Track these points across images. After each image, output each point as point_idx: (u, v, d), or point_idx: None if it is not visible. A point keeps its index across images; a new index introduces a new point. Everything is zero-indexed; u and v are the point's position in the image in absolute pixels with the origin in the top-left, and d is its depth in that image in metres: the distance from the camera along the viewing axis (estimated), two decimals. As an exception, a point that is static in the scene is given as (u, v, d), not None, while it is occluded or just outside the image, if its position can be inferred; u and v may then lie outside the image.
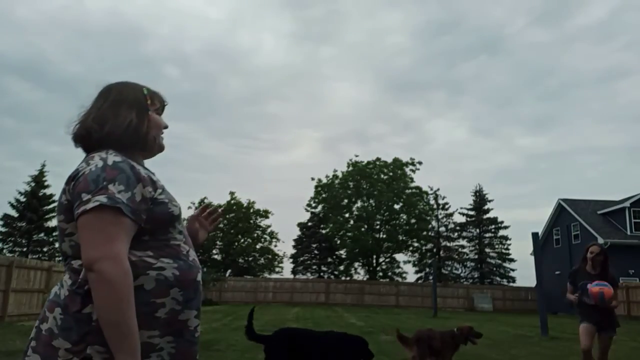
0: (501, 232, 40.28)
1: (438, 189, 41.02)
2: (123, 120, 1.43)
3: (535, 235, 14.16)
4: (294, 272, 40.51)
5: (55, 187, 33.86)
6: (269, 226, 39.37)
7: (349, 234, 37.82)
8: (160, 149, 1.59)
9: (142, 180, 1.35)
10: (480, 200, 41.03)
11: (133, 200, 1.30)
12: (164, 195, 1.41)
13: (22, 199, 32.94)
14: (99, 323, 1.21)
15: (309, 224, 41.29)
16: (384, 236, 38.50)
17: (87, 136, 1.42)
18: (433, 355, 5.44)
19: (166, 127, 1.61)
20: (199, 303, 1.43)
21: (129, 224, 1.28)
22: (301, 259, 41.13)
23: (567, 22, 54.86)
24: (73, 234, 1.32)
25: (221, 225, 38.20)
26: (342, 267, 40.65)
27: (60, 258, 1.54)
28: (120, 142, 1.41)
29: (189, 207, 38.00)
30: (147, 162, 1.57)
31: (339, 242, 38.64)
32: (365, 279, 38.15)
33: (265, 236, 39.31)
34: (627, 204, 27.08)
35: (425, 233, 38.63)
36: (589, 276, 5.28)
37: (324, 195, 39.39)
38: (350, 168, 39.30)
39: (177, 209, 1.44)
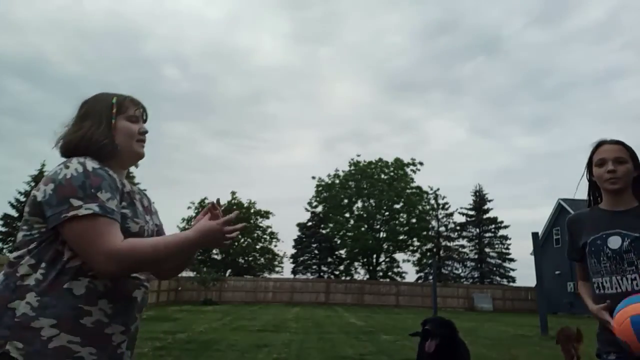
0: (501, 232, 40.31)
1: (438, 189, 41.09)
2: (82, 132, 1.47)
3: (535, 235, 14.17)
4: (294, 272, 40.56)
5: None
6: (269, 226, 39.42)
7: (350, 233, 37.83)
8: (138, 155, 1.57)
9: (118, 189, 1.41)
10: (480, 200, 41.04)
11: (118, 206, 1.38)
12: (128, 209, 1.43)
13: (22, 198, 32.91)
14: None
15: (309, 224, 41.29)
16: (384, 236, 38.53)
17: (60, 147, 1.50)
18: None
19: (143, 132, 1.57)
20: (130, 320, 1.42)
21: (118, 226, 1.35)
22: (301, 258, 41.14)
23: (565, 23, 54.94)
24: (31, 227, 1.35)
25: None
26: (342, 267, 40.67)
27: None
28: (78, 150, 1.44)
29: (189, 207, 38.07)
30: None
31: (339, 242, 38.67)
32: (365, 278, 38.16)
33: (265, 236, 39.34)
34: (627, 203, 27.08)
35: (425, 233, 38.65)
36: (608, 221, 2.01)
37: (324, 195, 39.42)
38: (352, 168, 39.36)
39: (136, 226, 1.43)
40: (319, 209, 40.50)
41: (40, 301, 1.26)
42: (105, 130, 1.48)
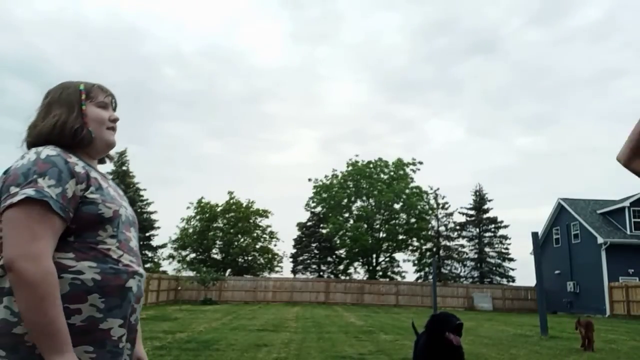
0: (501, 232, 40.27)
1: (438, 189, 41.06)
2: (51, 118, 1.40)
3: (535, 234, 14.16)
4: (293, 271, 40.53)
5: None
6: (269, 226, 39.42)
7: (349, 233, 37.85)
8: (108, 144, 1.50)
9: (76, 176, 1.30)
10: (480, 199, 41.02)
11: (64, 196, 1.25)
12: (97, 194, 1.33)
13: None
14: (25, 323, 1.16)
15: (309, 223, 41.29)
16: (384, 235, 38.53)
17: (27, 140, 1.44)
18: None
19: (114, 119, 1.51)
20: (127, 312, 1.33)
21: (57, 221, 1.23)
22: (301, 258, 41.12)
23: (564, 22, 54.89)
24: None
25: (221, 225, 38.25)
26: (341, 267, 40.67)
27: None
28: (50, 140, 1.37)
29: (188, 207, 38.02)
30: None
31: (338, 241, 38.68)
32: (365, 278, 38.16)
33: (264, 236, 39.34)
34: (626, 203, 27.08)
35: (425, 232, 38.67)
36: None
37: (323, 195, 39.45)
38: (350, 168, 39.38)
39: (109, 210, 1.33)
40: (318, 209, 40.54)
41: None
42: (78, 117, 1.42)
